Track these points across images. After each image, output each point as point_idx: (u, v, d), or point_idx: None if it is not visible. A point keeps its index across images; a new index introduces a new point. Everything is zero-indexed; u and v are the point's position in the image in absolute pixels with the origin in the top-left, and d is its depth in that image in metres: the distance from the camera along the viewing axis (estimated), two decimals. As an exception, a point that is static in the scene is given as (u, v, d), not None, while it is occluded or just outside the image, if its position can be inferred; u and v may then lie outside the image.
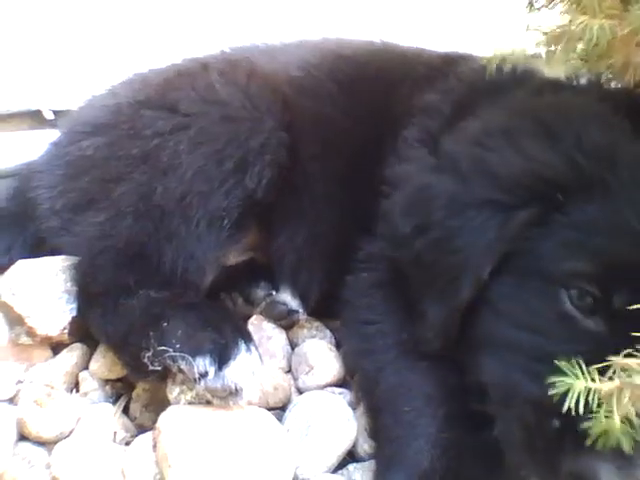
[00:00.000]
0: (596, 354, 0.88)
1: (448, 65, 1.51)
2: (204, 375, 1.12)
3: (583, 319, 1.01)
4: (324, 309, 1.53)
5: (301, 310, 1.52)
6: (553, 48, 1.13)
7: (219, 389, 1.13)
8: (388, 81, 1.52)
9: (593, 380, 0.82)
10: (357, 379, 1.36)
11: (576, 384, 0.81)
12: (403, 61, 1.60)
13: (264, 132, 1.41)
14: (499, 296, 1.10)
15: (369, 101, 1.51)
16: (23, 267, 1.37)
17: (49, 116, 2.05)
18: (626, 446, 0.80)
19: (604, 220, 1.02)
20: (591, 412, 0.81)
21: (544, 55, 1.15)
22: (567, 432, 0.94)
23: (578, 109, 1.16)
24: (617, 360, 0.85)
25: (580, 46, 1.10)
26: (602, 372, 0.85)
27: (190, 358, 1.12)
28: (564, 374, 0.83)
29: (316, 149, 1.50)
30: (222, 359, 1.14)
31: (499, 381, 1.07)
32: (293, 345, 1.50)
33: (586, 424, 0.82)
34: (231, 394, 1.14)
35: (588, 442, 0.84)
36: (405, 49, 1.69)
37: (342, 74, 1.58)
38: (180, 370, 1.14)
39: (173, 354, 1.13)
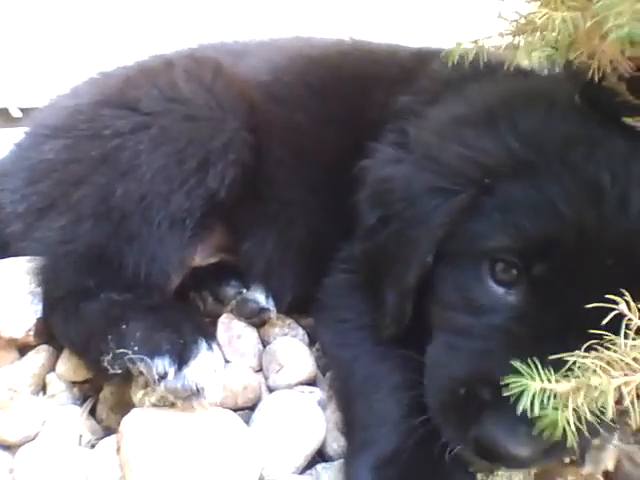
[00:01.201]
0: (515, 326, 1.03)
1: (420, 63, 1.49)
2: (164, 376, 1.11)
3: (504, 293, 1.07)
4: (296, 307, 1.52)
5: (272, 308, 1.50)
6: (519, 38, 1.12)
7: (180, 389, 1.12)
8: (361, 85, 1.49)
9: (549, 381, 0.81)
10: (332, 371, 1.37)
11: (531, 385, 0.80)
12: (375, 62, 1.57)
13: (227, 131, 1.37)
14: (438, 281, 1.16)
15: (341, 107, 1.48)
16: (-14, 269, 1.35)
17: (16, 114, 2.02)
18: (570, 440, 0.81)
19: (528, 199, 1.06)
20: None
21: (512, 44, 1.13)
22: (475, 402, 1.02)
23: (524, 95, 1.18)
24: (575, 358, 0.85)
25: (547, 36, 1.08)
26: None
27: (148, 359, 1.11)
28: (520, 374, 0.82)
29: (286, 156, 1.47)
30: (182, 359, 1.13)
31: (429, 360, 1.15)
32: (265, 343, 1.49)
33: (538, 413, 0.83)
34: (193, 394, 1.13)
35: (536, 430, 0.86)
36: (376, 48, 1.66)
37: (313, 78, 1.55)
38: (140, 372, 1.12)
39: (132, 356, 1.11)
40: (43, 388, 1.34)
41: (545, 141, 1.09)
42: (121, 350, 1.12)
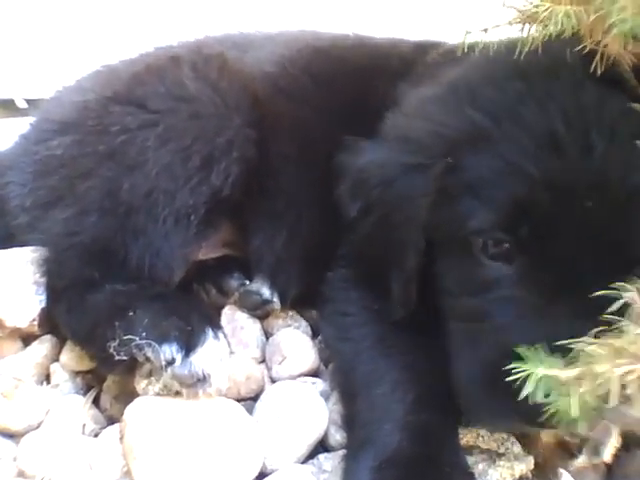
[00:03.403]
0: (520, 292, 1.02)
1: (420, 54, 1.49)
2: (171, 362, 1.12)
3: (501, 266, 1.06)
4: (301, 302, 1.52)
5: (275, 300, 1.50)
6: (527, 27, 1.11)
7: (186, 376, 1.12)
8: (364, 77, 1.50)
9: (553, 367, 0.81)
10: (333, 366, 1.36)
11: (535, 371, 0.80)
12: (378, 55, 1.57)
13: (231, 128, 1.37)
14: (440, 272, 1.16)
15: (346, 99, 1.48)
16: (-10, 258, 1.36)
17: (22, 105, 2.03)
18: (581, 427, 0.81)
19: (491, 169, 1.06)
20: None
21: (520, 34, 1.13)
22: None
23: (487, 66, 1.17)
24: (584, 345, 0.84)
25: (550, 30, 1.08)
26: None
27: (156, 345, 1.11)
28: (523, 361, 0.82)
29: (291, 150, 1.47)
30: (189, 346, 1.14)
31: (453, 353, 1.14)
32: (268, 335, 1.49)
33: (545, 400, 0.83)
34: (199, 381, 1.13)
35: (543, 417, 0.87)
36: (379, 42, 1.66)
37: (318, 70, 1.55)
38: (147, 358, 1.13)
39: (139, 342, 1.12)
40: (47, 378, 1.34)
41: (497, 105, 1.09)
42: (128, 336, 1.12)
